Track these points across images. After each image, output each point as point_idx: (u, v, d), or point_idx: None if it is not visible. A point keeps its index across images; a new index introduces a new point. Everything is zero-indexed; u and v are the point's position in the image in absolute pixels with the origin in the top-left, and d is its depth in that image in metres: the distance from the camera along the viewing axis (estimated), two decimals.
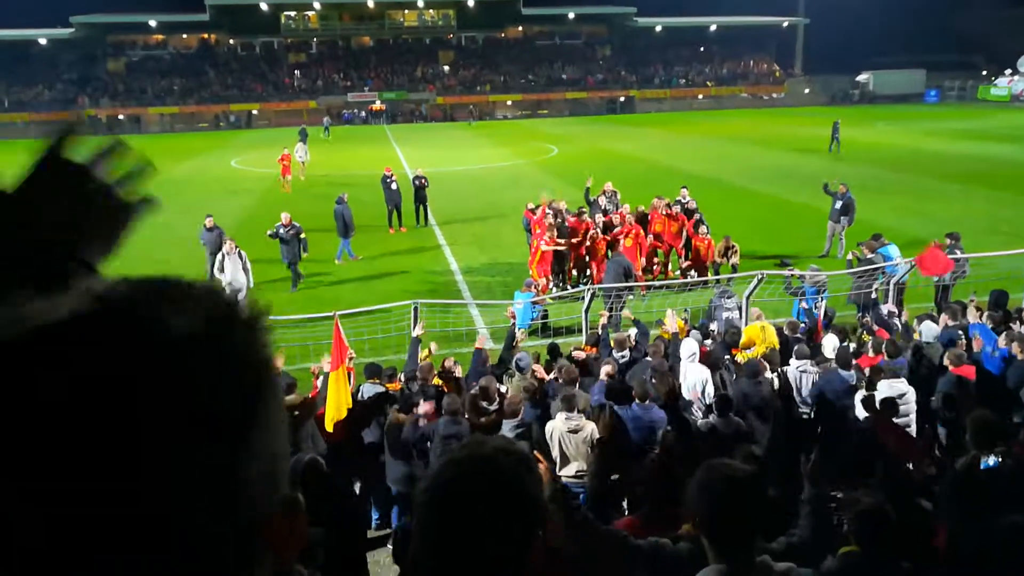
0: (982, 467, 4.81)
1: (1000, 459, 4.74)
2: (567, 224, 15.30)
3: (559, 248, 14.93)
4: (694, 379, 8.22)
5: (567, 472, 6.88)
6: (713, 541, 2.49)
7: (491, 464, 1.32)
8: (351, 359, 8.55)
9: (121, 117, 69.59)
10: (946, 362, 7.97)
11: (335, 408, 7.49)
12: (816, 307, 11.22)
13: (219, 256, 14.48)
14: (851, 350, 9.07)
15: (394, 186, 20.95)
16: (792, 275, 11.67)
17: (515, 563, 1.33)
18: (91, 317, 0.57)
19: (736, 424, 6.96)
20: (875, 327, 10.00)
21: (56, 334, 0.55)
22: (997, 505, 4.28)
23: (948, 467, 5.21)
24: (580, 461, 6.85)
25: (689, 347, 8.55)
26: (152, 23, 75.80)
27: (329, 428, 7.46)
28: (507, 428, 6.93)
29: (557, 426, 6.81)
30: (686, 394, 8.01)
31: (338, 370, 7.68)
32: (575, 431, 6.78)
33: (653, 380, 7.52)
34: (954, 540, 4.42)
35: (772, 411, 7.54)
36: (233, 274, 14.06)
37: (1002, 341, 8.60)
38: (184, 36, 79.83)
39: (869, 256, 12.74)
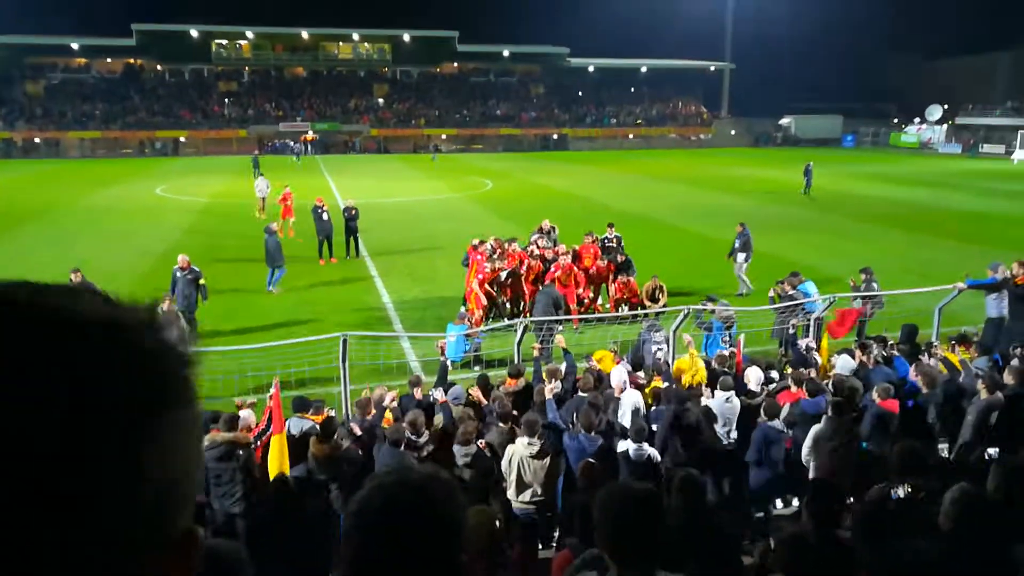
0: (892, 497, 4.98)
1: (911, 489, 4.91)
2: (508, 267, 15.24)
3: (492, 279, 14.95)
4: (630, 405, 8.35)
5: (524, 497, 6.86)
6: (614, 558, 2.51)
7: (419, 491, 1.33)
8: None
9: (38, 140, 67.03)
10: (874, 396, 8.22)
11: (278, 466, 7.27)
12: (723, 341, 11.55)
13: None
14: (773, 386, 9.34)
15: (325, 216, 20.70)
16: (704, 309, 11.98)
17: None
18: None
19: (648, 452, 7.10)
20: (793, 362, 10.31)
21: None
22: (903, 531, 4.43)
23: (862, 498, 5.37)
24: (537, 486, 6.86)
25: (619, 375, 8.69)
26: (75, 46, 73.58)
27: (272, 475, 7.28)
28: (459, 455, 6.89)
29: (518, 450, 6.82)
30: (625, 420, 8.13)
31: (281, 433, 7.49)
32: (536, 456, 6.80)
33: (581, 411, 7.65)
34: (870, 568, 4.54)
35: (697, 439, 7.71)
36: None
37: (912, 373, 8.98)
38: (108, 60, 77.71)
39: (790, 292, 13.19)
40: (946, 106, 78.35)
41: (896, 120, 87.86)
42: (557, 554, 5.06)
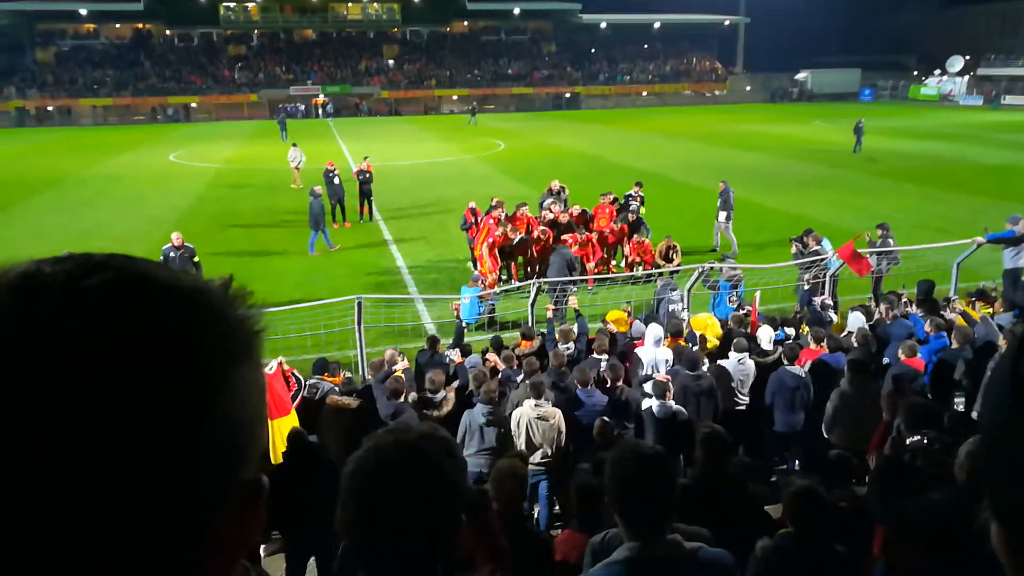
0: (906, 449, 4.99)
1: (926, 442, 4.91)
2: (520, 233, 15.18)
3: (502, 244, 14.91)
4: (658, 360, 8.38)
5: (534, 459, 6.96)
6: (624, 519, 2.52)
7: (416, 450, 1.34)
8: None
9: (51, 109, 67.02)
10: (899, 353, 8.17)
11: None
12: (729, 301, 11.51)
13: None
14: (789, 343, 9.32)
15: (336, 180, 20.66)
16: (712, 268, 11.92)
17: (438, 546, 1.35)
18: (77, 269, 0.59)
19: (675, 410, 7.13)
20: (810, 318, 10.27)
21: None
22: (919, 486, 4.44)
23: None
24: (547, 447, 6.96)
25: (655, 332, 8.70)
26: (83, 11, 73.04)
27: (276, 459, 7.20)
28: (480, 411, 6.98)
29: (526, 412, 6.91)
30: (652, 373, 8.16)
31: (284, 416, 7.33)
32: (544, 418, 6.89)
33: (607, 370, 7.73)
34: (884, 524, 4.57)
35: (712, 402, 7.75)
36: None
37: (928, 327, 8.93)
38: (117, 26, 77.10)
39: (814, 248, 13.10)
40: (967, 57, 76.55)
41: (916, 72, 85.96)
42: (560, 533, 5.06)
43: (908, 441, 5.16)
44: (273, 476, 6.33)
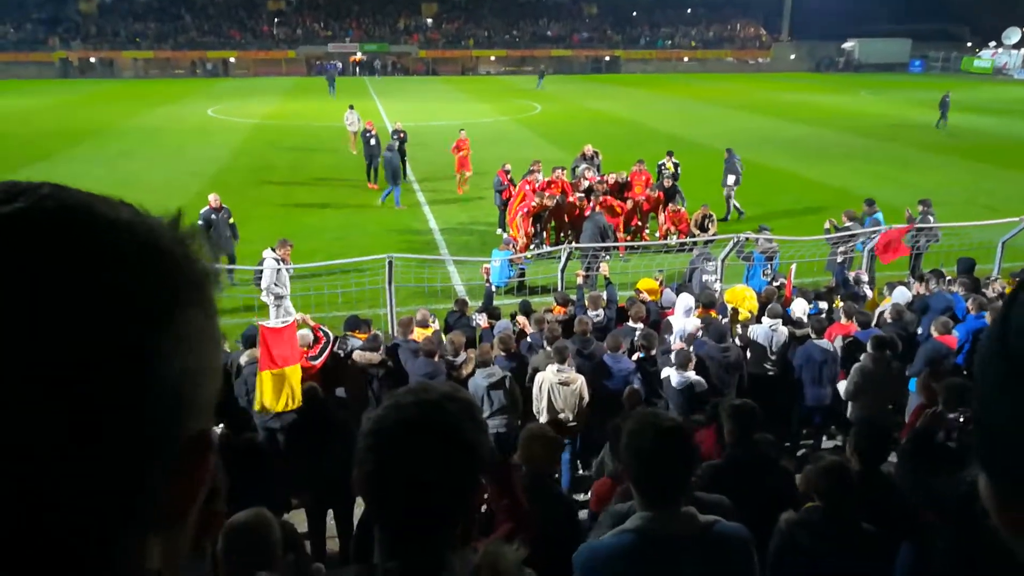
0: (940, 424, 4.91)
1: (961, 420, 4.83)
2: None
3: (538, 212, 14.81)
4: (687, 330, 8.34)
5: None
6: (638, 490, 2.50)
7: (436, 409, 1.32)
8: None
9: (93, 60, 67.74)
10: (932, 330, 8.03)
11: (269, 400, 7.20)
12: (764, 273, 11.34)
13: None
14: (822, 317, 9.18)
15: (373, 141, 20.54)
16: (747, 239, 11.73)
17: (458, 506, 1.34)
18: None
19: (692, 380, 7.11)
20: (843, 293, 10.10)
21: None
22: (950, 464, 4.38)
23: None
24: (568, 412, 6.98)
25: (685, 301, 8.65)
26: None
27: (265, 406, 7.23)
28: (480, 377, 6.99)
29: (547, 377, 6.93)
30: (675, 343, 8.12)
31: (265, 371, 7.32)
32: (566, 383, 6.90)
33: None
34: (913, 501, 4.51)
35: (737, 374, 7.70)
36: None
37: (969, 305, 8.73)
38: None
39: (847, 224, 12.82)
40: None
41: (969, 44, 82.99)
42: (597, 481, 5.11)
43: (947, 418, 5.09)
44: (288, 431, 6.43)
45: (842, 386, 7.70)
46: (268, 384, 7.07)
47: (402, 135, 21.16)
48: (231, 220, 13.19)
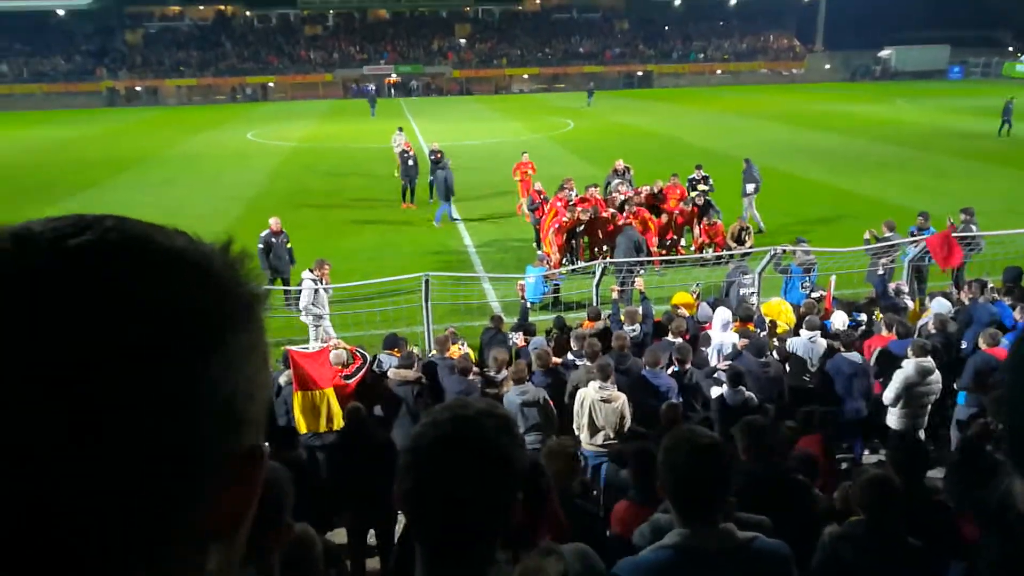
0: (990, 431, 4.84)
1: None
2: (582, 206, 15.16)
3: (572, 226, 14.86)
4: (725, 345, 8.31)
5: (596, 440, 7.00)
6: (677, 507, 2.51)
7: (473, 426, 1.34)
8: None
9: (139, 89, 69.72)
10: (980, 342, 7.87)
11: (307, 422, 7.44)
12: (803, 286, 11.21)
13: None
14: (861, 329, 9.07)
15: (411, 162, 20.74)
16: (784, 251, 11.62)
17: (496, 522, 1.37)
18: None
19: (745, 397, 7.03)
20: (883, 305, 9.97)
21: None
22: (999, 475, 4.29)
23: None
24: (609, 430, 6.98)
25: (723, 315, 8.62)
26: None
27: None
28: (514, 393, 7.04)
29: (590, 394, 6.94)
30: (713, 360, 8.09)
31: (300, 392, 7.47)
32: (608, 400, 6.91)
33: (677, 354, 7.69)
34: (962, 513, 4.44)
35: (777, 388, 7.63)
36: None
37: (1017, 315, 8.55)
38: (201, 8, 79.57)
39: (887, 234, 12.65)
40: None
41: (1011, 49, 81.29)
42: (617, 504, 5.08)
43: (996, 429, 5.01)
44: (331, 450, 6.54)
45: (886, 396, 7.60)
46: (299, 405, 7.28)
47: (439, 155, 21.32)
48: (288, 244, 13.38)
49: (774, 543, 2.55)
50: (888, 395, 7.45)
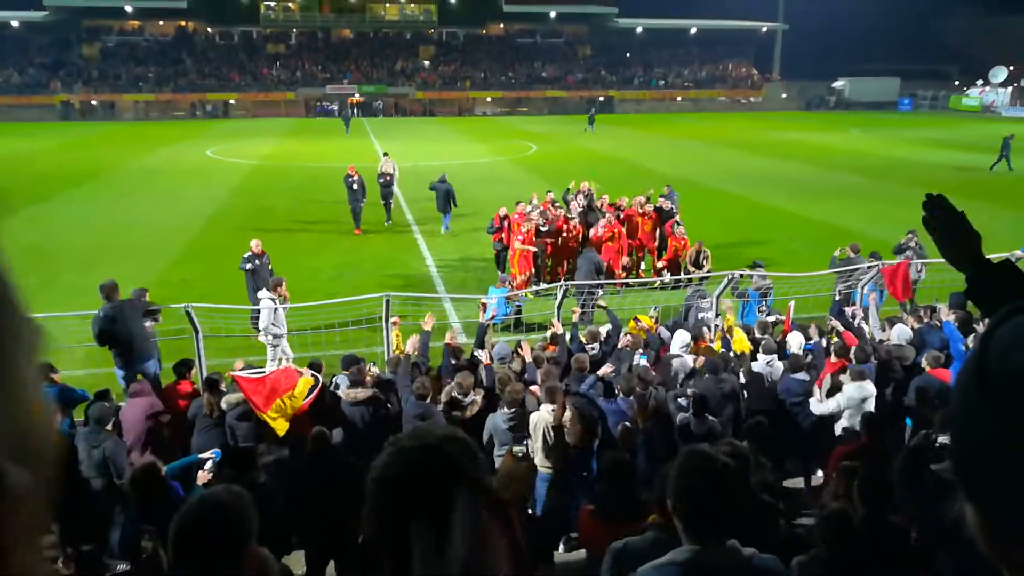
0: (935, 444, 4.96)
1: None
2: (547, 224, 15.33)
3: (531, 248, 14.93)
4: (687, 366, 8.38)
5: (549, 462, 6.97)
6: (688, 525, 2.56)
7: (437, 453, 1.34)
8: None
9: (95, 103, 68.52)
10: (923, 363, 8.11)
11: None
12: (759, 311, 11.41)
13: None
14: (819, 351, 9.23)
15: (355, 187, 19.81)
16: (743, 276, 11.82)
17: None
18: None
19: (709, 424, 7.09)
20: (841, 329, 10.16)
21: None
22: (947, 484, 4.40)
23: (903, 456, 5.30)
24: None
25: (681, 338, 8.69)
26: (128, 8, 74.54)
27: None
28: (501, 417, 7.02)
29: (543, 417, 6.91)
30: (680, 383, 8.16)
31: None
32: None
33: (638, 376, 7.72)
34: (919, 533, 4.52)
35: (734, 405, 7.71)
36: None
37: (971, 342, 8.78)
38: (161, 23, 78.72)
39: (851, 256, 13.00)
40: (1012, 67, 74.96)
41: (957, 82, 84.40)
42: (589, 520, 5.10)
43: (938, 439, 5.14)
44: (295, 476, 6.41)
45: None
46: (272, 422, 7.24)
47: (388, 177, 20.80)
48: (270, 266, 13.10)
49: (769, 558, 2.66)
50: (826, 407, 7.69)
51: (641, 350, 8.48)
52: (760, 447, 5.87)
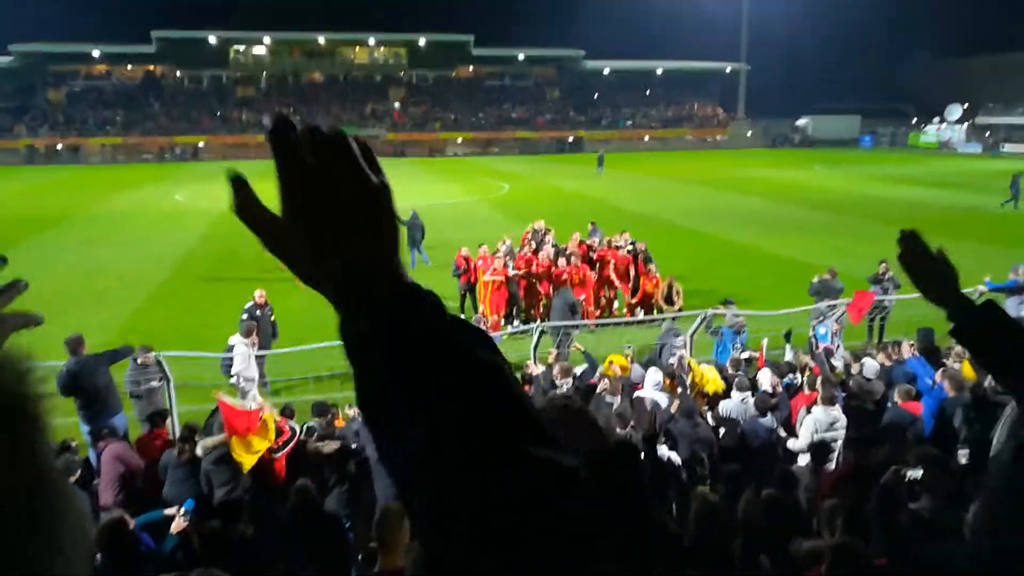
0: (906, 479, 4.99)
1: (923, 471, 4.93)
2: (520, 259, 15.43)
3: (500, 278, 14.95)
4: (661, 405, 8.38)
5: None
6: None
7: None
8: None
9: (60, 147, 67.84)
10: (896, 398, 8.21)
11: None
12: (733, 348, 11.50)
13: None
14: (784, 386, 9.31)
15: None
16: (717, 314, 11.93)
17: None
18: None
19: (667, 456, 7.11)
20: (812, 364, 10.26)
21: None
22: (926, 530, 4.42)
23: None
24: None
25: (654, 377, 8.70)
26: (95, 53, 74.51)
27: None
28: None
29: None
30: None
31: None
32: None
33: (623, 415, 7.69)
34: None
35: (709, 448, 7.72)
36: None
37: (938, 377, 8.90)
38: (129, 67, 78.64)
39: (826, 278, 13.26)
40: (966, 105, 77.50)
41: (915, 120, 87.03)
42: None
43: (907, 474, 5.17)
44: (279, 530, 6.28)
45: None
46: (239, 449, 7.11)
47: None
48: (272, 317, 12.80)
49: None
50: (800, 442, 7.70)
51: (617, 396, 8.45)
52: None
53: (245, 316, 12.21)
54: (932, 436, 7.97)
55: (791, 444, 7.86)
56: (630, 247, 16.90)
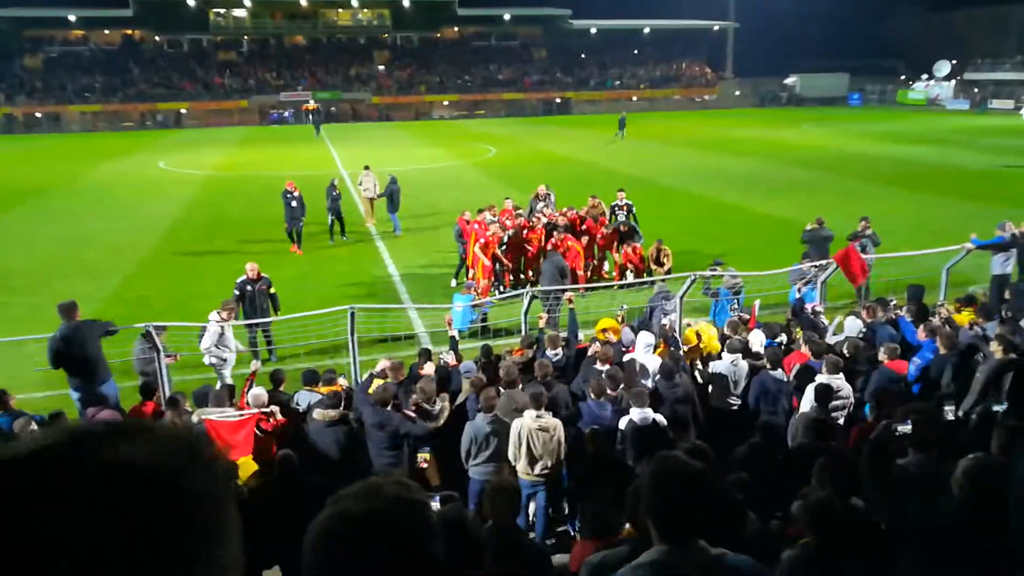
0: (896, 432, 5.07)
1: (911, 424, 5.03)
2: (510, 228, 15.35)
3: (486, 260, 14.87)
4: (651, 367, 8.41)
5: (536, 470, 6.95)
6: (659, 529, 2.56)
7: (385, 520, 1.24)
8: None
9: (39, 115, 66.71)
10: (881, 355, 8.26)
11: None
12: (731, 309, 11.54)
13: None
14: (781, 348, 9.35)
15: (294, 204, 18.87)
16: (713, 275, 11.95)
17: None
18: (53, 448, 0.66)
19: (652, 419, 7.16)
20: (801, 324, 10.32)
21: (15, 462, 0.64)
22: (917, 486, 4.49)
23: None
24: (547, 459, 6.94)
25: (646, 339, 8.73)
26: (71, 17, 72.74)
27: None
28: (483, 421, 7.08)
29: (526, 423, 6.88)
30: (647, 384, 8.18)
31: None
32: (544, 429, 6.87)
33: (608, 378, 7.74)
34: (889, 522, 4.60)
35: (691, 407, 7.78)
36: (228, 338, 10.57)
37: (921, 333, 8.97)
38: (106, 32, 76.91)
39: (818, 228, 13.31)
40: (955, 61, 77.13)
41: (903, 77, 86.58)
42: (576, 545, 5.12)
43: (898, 429, 5.24)
44: (264, 502, 6.31)
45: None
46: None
47: (337, 192, 19.99)
48: (272, 290, 12.09)
49: (741, 558, 2.65)
50: (804, 408, 7.70)
51: (607, 365, 8.47)
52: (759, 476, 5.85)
53: (237, 292, 11.80)
54: (920, 393, 8.07)
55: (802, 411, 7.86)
56: (623, 216, 16.91)
